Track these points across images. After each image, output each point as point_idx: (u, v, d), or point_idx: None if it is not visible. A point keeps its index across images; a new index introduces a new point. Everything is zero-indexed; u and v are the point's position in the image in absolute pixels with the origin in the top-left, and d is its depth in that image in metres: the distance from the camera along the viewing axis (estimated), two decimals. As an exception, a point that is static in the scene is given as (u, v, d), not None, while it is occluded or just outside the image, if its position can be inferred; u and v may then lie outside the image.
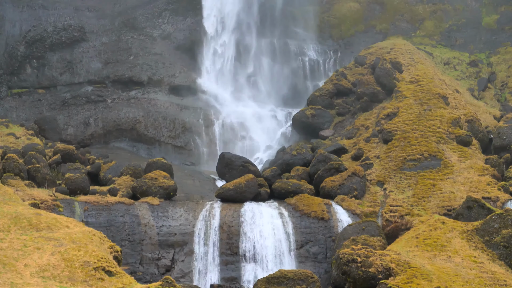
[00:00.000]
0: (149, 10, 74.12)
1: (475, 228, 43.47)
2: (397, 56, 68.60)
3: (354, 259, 40.00)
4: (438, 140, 56.15)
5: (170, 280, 33.94)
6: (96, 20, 72.81)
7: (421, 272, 39.06)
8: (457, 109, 61.19)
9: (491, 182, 51.54)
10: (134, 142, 68.63)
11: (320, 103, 67.27)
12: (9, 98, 68.89)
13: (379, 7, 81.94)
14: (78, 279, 32.95)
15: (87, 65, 71.05)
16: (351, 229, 46.73)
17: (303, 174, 54.59)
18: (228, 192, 50.43)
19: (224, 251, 47.20)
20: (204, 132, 68.94)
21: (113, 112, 68.68)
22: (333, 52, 78.53)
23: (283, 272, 41.13)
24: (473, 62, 74.49)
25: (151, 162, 53.25)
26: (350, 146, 59.93)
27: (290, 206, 49.86)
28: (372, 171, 54.62)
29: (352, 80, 68.94)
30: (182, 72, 72.43)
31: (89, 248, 35.19)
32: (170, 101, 70.55)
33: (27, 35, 70.20)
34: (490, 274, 39.87)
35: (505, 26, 77.79)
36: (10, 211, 38.26)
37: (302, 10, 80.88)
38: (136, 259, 46.19)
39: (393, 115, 60.21)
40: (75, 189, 48.71)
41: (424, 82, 63.53)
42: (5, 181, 46.75)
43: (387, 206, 50.25)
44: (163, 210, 48.40)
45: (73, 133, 67.45)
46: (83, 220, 45.61)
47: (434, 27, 79.97)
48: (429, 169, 53.34)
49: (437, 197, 50.46)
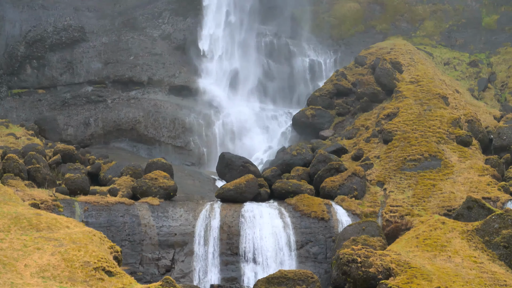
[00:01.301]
0: (149, 10, 74.14)
1: (475, 228, 43.45)
2: (397, 56, 68.57)
3: (354, 259, 39.99)
4: (438, 140, 56.12)
5: (170, 280, 33.93)
6: (96, 20, 72.83)
7: (421, 272, 39.05)
8: (457, 109, 61.17)
9: (491, 182, 51.52)
10: (134, 142, 68.65)
11: (320, 103, 67.25)
12: (9, 98, 68.91)
13: (379, 7, 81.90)
14: (78, 279, 32.95)
15: (87, 65, 71.05)
16: (351, 229, 46.70)
17: (303, 174, 54.57)
18: (228, 192, 50.40)
19: (224, 251, 47.17)
20: (204, 132, 68.92)
21: (113, 112, 68.69)
22: (333, 52, 78.51)
23: (283, 272, 41.11)
24: (473, 62, 74.46)
25: (151, 162, 53.23)
26: (350, 146, 59.92)
27: (290, 206, 49.82)
28: (372, 171, 54.60)
29: (352, 80, 68.91)
30: (182, 72, 72.43)
31: (89, 248, 35.18)
32: (170, 101, 70.54)
33: (27, 35, 70.22)
34: (490, 274, 39.86)
35: (505, 26, 77.78)
36: (10, 211, 38.25)
37: (302, 10, 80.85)
38: (136, 259, 46.16)
39: (393, 115, 60.18)
40: (75, 189, 48.68)
41: (424, 82, 63.51)
42: (5, 181, 46.72)
43: (387, 206, 50.22)
44: (163, 210, 48.37)
45: (73, 133, 67.47)
46: (83, 220, 45.59)
47: (434, 27, 79.95)
48: (429, 169, 53.32)
49: (437, 197, 50.44)
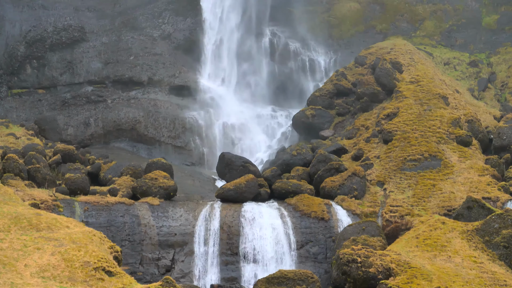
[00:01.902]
0: (149, 10, 74.11)
1: (475, 228, 43.46)
2: (397, 56, 68.55)
3: (354, 259, 39.99)
4: (438, 140, 56.12)
5: (170, 280, 33.93)
6: (96, 20, 72.81)
7: (421, 272, 39.06)
8: (457, 109, 61.16)
9: (491, 182, 51.52)
10: (134, 142, 68.62)
11: (320, 103, 67.26)
12: (9, 98, 68.90)
13: (379, 7, 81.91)
14: (78, 279, 32.95)
15: (87, 65, 71.03)
16: (351, 229, 46.70)
17: (303, 174, 54.56)
18: (228, 192, 50.40)
19: (224, 251, 47.17)
20: (204, 132, 68.91)
21: (113, 112, 68.66)
22: (333, 52, 78.50)
23: (283, 272, 41.12)
24: (473, 62, 74.47)
25: (151, 162, 53.23)
26: (350, 146, 59.92)
27: (290, 206, 49.81)
28: (372, 171, 54.60)
29: (352, 80, 68.91)
30: (182, 72, 72.40)
31: (89, 248, 35.18)
32: (170, 101, 70.51)
33: (27, 35, 70.20)
34: (490, 274, 39.86)
35: (505, 26, 77.78)
36: (10, 211, 38.25)
37: (302, 10, 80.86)
38: (136, 259, 46.16)
39: (393, 115, 60.18)
40: (75, 189, 48.69)
41: (424, 82, 63.49)
42: (5, 181, 46.73)
43: (387, 206, 50.23)
44: (163, 210, 48.37)
45: (73, 133, 67.43)
46: (83, 220, 45.59)
47: (434, 27, 79.95)
48: (429, 169, 53.32)
49: (437, 197, 50.44)
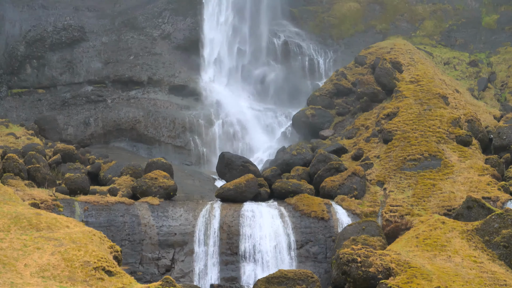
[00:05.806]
0: (149, 10, 74.13)
1: (475, 228, 43.45)
2: (397, 56, 68.54)
3: (354, 259, 39.98)
4: (438, 140, 56.12)
5: (170, 280, 33.93)
6: (96, 20, 72.83)
7: (421, 272, 39.05)
8: (457, 109, 61.15)
9: (491, 182, 51.51)
10: (134, 142, 68.64)
11: (320, 103, 67.26)
12: (9, 98, 68.91)
13: (379, 7, 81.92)
14: (78, 279, 32.95)
15: (87, 65, 71.05)
16: (351, 229, 46.71)
17: (303, 174, 54.57)
18: (228, 192, 50.41)
19: (224, 251, 47.17)
20: (204, 132, 68.91)
21: (113, 112, 68.68)
22: (333, 52, 78.50)
23: (283, 272, 41.12)
24: (473, 62, 74.47)
25: (151, 162, 53.23)
26: (350, 146, 59.91)
27: (290, 206, 49.82)
28: (372, 171, 54.61)
29: (352, 80, 68.92)
30: (182, 72, 72.42)
31: (89, 248, 35.18)
32: (170, 101, 70.54)
33: (27, 35, 70.23)
34: (490, 274, 39.86)
35: (505, 26, 77.79)
36: (10, 211, 38.25)
37: (302, 9, 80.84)
38: (136, 259, 46.17)
39: (393, 115, 60.18)
40: (75, 189, 48.70)
41: (424, 82, 63.49)
42: (5, 181, 46.73)
43: (387, 206, 50.23)
44: (163, 210, 48.38)
45: (73, 133, 67.45)
46: (83, 220, 45.60)
47: (434, 27, 79.95)
48: (429, 169, 53.32)
49: (437, 197, 50.44)
